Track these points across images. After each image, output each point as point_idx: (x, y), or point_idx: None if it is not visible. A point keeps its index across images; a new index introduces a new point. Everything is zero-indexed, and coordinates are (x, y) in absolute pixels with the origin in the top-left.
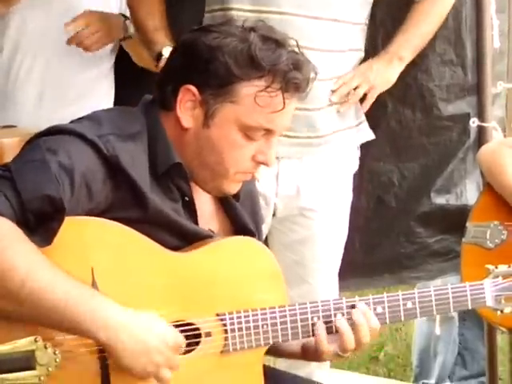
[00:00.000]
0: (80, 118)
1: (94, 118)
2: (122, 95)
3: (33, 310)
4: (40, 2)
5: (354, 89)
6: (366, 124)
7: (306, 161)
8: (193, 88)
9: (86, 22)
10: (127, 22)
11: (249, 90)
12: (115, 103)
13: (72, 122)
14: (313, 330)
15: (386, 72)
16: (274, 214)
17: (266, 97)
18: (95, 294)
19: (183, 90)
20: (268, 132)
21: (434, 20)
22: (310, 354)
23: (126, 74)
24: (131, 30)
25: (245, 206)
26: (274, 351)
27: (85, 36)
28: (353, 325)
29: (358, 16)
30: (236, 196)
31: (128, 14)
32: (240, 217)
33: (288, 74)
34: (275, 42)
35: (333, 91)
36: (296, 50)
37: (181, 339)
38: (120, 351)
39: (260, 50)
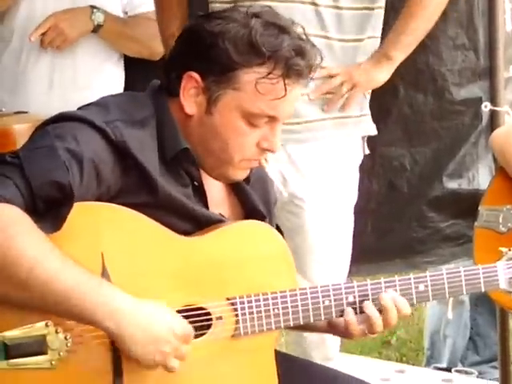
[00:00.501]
0: (88, 104)
1: (101, 104)
2: (132, 80)
3: (41, 297)
4: None
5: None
6: (369, 117)
7: (290, 149)
8: (195, 75)
9: (49, 25)
10: (96, 12)
11: (250, 76)
12: (125, 88)
13: (80, 108)
14: (342, 315)
15: (372, 72)
16: None
17: (268, 84)
18: (103, 284)
19: (186, 76)
20: (271, 119)
21: (426, 15)
22: (338, 331)
23: (136, 58)
24: (100, 19)
25: (256, 189)
26: (298, 326)
27: (48, 40)
28: (381, 309)
29: None
30: (247, 179)
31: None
32: (251, 200)
33: (290, 60)
34: (278, 27)
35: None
36: (301, 36)
37: (189, 329)
38: (128, 341)
39: (261, 35)
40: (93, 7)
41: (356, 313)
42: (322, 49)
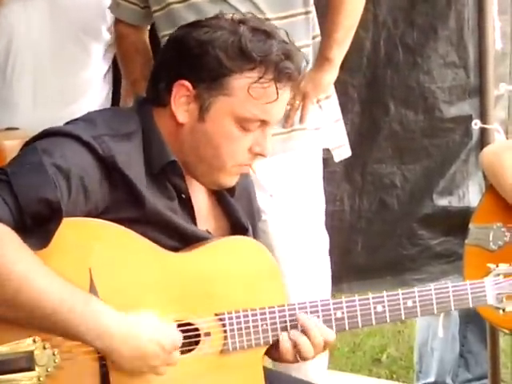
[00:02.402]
0: (75, 120)
1: (88, 119)
2: (120, 95)
3: (28, 316)
4: (31, 3)
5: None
6: (331, 130)
7: None
8: (186, 83)
9: None
10: None
11: (241, 82)
12: (113, 103)
13: (67, 123)
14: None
15: (317, 77)
16: None
17: (259, 88)
18: (90, 301)
19: (177, 85)
20: (263, 123)
21: (349, 7)
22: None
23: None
24: None
25: (240, 201)
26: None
27: None
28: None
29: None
30: (232, 191)
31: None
32: (235, 212)
33: (280, 64)
34: (265, 32)
35: None
36: (286, 40)
37: (176, 337)
38: (116, 358)
39: (250, 41)
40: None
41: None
42: None
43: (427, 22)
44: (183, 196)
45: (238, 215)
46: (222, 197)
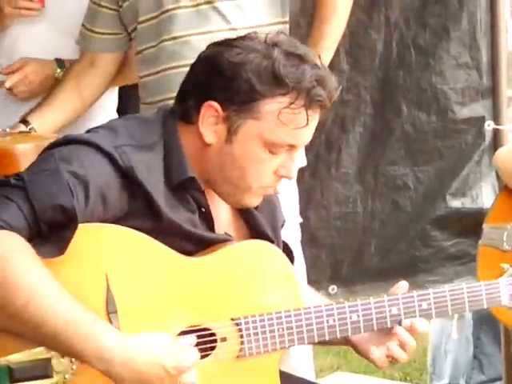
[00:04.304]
0: (96, 127)
1: (110, 127)
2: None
3: (34, 331)
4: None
5: None
6: None
7: None
8: (216, 104)
9: (24, 73)
10: (59, 71)
11: (272, 106)
12: (119, 106)
13: (88, 131)
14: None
15: None
16: None
17: (290, 114)
18: (95, 322)
19: (206, 105)
20: (291, 147)
21: (337, 17)
22: (359, 349)
23: None
24: (60, 74)
25: (264, 213)
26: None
27: (19, 88)
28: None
29: None
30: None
31: None
32: (258, 224)
33: (312, 90)
34: (298, 57)
35: None
36: (318, 63)
37: (181, 358)
38: (116, 379)
39: (284, 66)
40: (57, 61)
41: (360, 331)
42: None
43: (439, 23)
44: (203, 210)
45: (263, 228)
46: (245, 209)
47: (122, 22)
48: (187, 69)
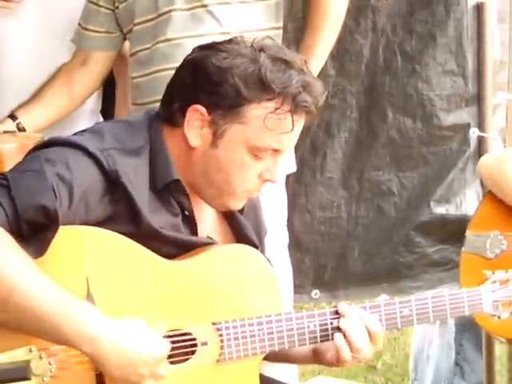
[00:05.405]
0: (83, 131)
1: (97, 130)
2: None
3: (19, 318)
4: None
5: None
6: None
7: None
8: (201, 108)
9: None
10: None
11: (258, 111)
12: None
13: (75, 134)
14: (327, 339)
15: None
16: None
17: (275, 119)
18: (80, 304)
19: (191, 109)
20: (275, 151)
21: (329, 25)
22: (324, 358)
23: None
24: None
25: (249, 218)
26: (285, 358)
27: None
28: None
29: None
30: (241, 209)
31: None
32: (243, 229)
33: (298, 96)
34: (285, 62)
35: None
36: (305, 69)
37: (165, 348)
38: (104, 363)
39: (270, 71)
40: None
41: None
42: None
43: (426, 29)
44: (186, 213)
45: (247, 232)
46: (230, 214)
47: (117, 22)
48: None
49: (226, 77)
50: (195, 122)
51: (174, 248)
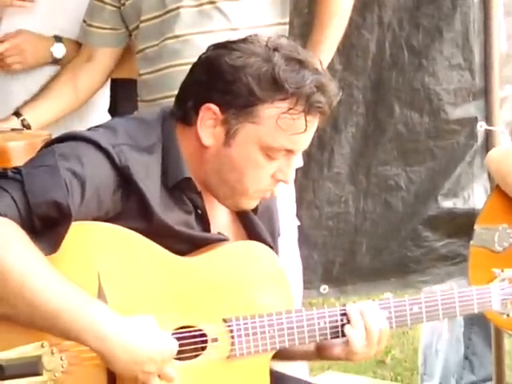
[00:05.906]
0: (97, 126)
1: (110, 126)
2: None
3: (29, 313)
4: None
5: None
6: None
7: None
8: (214, 107)
9: (15, 42)
10: (57, 45)
11: (271, 111)
12: (110, 107)
13: (89, 129)
14: (337, 336)
15: None
16: None
17: (288, 119)
18: (89, 301)
19: (204, 108)
20: (288, 151)
21: (336, 21)
22: (329, 354)
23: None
24: (60, 54)
25: (263, 219)
26: (285, 355)
27: (7, 56)
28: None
29: None
30: (255, 209)
31: None
32: (256, 229)
33: (311, 96)
34: (299, 62)
35: None
36: (319, 69)
37: (174, 346)
38: (112, 359)
39: (284, 71)
40: (57, 38)
41: None
42: None
43: (432, 23)
44: (199, 211)
45: (262, 233)
46: (244, 213)
47: (123, 19)
48: (188, 67)
49: (239, 76)
50: (208, 121)
51: (186, 244)
